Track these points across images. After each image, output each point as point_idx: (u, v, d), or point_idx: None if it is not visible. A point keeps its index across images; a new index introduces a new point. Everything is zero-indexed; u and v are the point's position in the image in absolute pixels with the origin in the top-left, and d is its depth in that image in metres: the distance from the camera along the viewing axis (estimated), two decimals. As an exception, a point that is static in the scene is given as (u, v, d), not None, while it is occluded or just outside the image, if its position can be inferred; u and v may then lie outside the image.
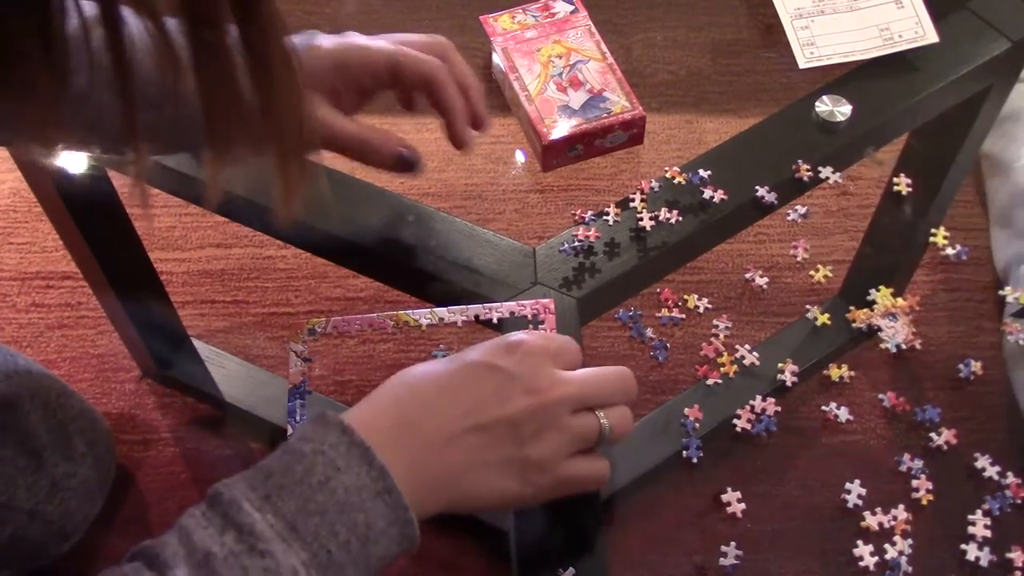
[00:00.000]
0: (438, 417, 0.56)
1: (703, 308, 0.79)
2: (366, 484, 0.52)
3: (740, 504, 0.70)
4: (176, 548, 0.50)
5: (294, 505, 0.50)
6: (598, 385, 0.61)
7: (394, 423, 0.56)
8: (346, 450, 0.52)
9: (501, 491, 0.58)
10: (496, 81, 1.01)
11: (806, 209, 0.85)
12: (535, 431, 0.58)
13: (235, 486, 0.51)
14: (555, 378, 0.59)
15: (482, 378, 0.58)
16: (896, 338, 0.76)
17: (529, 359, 0.59)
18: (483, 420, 0.57)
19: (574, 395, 0.59)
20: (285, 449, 0.53)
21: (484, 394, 0.57)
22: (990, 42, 0.90)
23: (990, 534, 0.68)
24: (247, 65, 0.46)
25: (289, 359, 0.74)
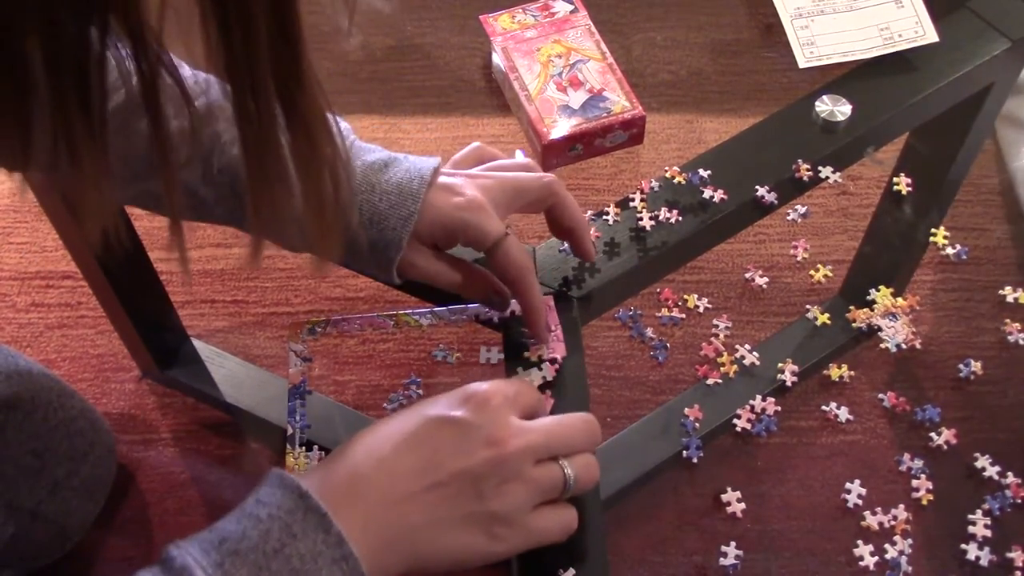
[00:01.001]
0: (394, 475, 0.55)
1: (703, 308, 0.79)
2: (322, 551, 0.51)
3: (740, 504, 0.70)
4: None
5: (247, 573, 0.49)
6: (561, 434, 0.59)
7: (349, 483, 0.54)
8: (302, 516, 0.51)
9: (467, 547, 0.56)
10: (496, 81, 1.01)
11: (806, 209, 0.85)
12: (497, 484, 0.56)
13: (189, 550, 0.50)
14: (516, 427, 0.57)
15: (439, 431, 0.56)
16: (896, 338, 0.76)
17: (487, 408, 0.57)
18: (442, 475, 0.55)
19: (537, 444, 0.57)
20: (241, 512, 0.52)
21: (442, 448, 0.56)
22: (990, 42, 0.90)
23: (990, 534, 0.68)
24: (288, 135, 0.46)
25: (289, 359, 0.74)
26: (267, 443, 0.95)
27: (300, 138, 0.47)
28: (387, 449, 0.56)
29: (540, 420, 0.60)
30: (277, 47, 0.43)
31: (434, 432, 0.56)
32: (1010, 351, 0.78)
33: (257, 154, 0.46)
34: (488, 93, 1.02)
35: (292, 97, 0.45)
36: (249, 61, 0.43)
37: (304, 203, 0.50)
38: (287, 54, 0.43)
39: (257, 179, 0.48)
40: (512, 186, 0.69)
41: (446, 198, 0.66)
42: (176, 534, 0.91)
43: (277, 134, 0.46)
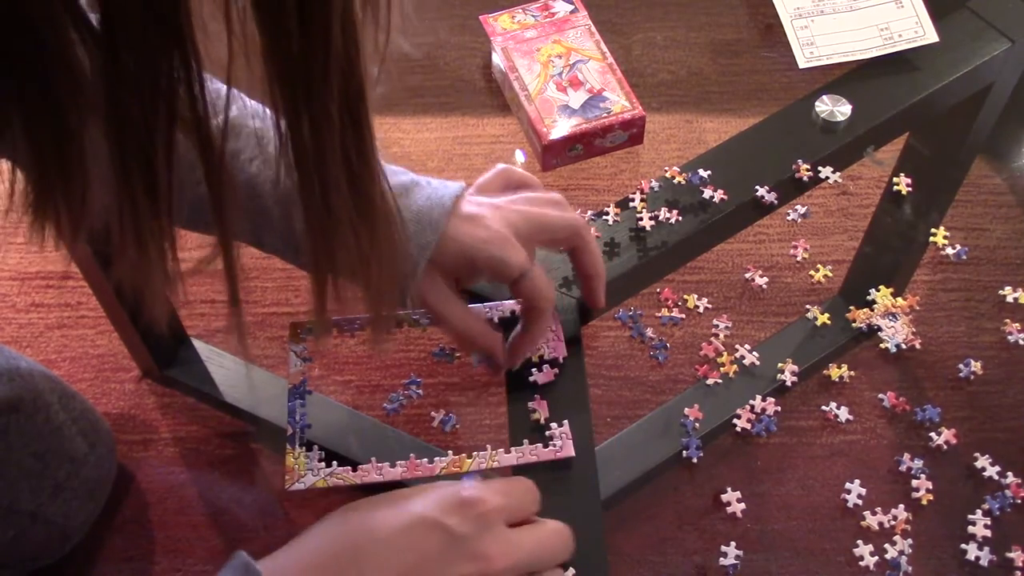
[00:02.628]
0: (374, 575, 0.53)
1: (703, 308, 0.79)
2: None
3: (740, 504, 0.70)
4: None
5: None
6: (544, 553, 0.59)
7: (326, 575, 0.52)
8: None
9: None
10: (496, 81, 1.01)
11: (806, 209, 0.85)
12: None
13: None
14: (504, 544, 0.56)
15: (426, 537, 0.54)
16: (896, 338, 0.76)
17: (480, 521, 0.56)
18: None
19: (521, 564, 0.57)
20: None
21: (427, 555, 0.54)
22: (990, 42, 0.90)
23: (990, 534, 0.68)
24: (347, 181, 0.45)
25: (289, 359, 0.74)
26: (267, 443, 0.95)
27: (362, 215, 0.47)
28: (370, 548, 0.54)
29: (527, 534, 0.58)
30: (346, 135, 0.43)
31: (422, 536, 0.54)
32: (1010, 351, 0.78)
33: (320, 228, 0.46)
34: (488, 93, 1.02)
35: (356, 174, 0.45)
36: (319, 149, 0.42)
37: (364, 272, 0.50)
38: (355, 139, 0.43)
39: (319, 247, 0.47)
40: (538, 222, 0.67)
41: (469, 230, 0.64)
42: (176, 534, 0.91)
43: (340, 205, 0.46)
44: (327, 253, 0.48)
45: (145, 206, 0.42)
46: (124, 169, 0.40)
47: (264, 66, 0.40)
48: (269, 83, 0.40)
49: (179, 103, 0.39)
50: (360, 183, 0.45)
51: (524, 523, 0.59)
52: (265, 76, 0.40)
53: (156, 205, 0.42)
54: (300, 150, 0.43)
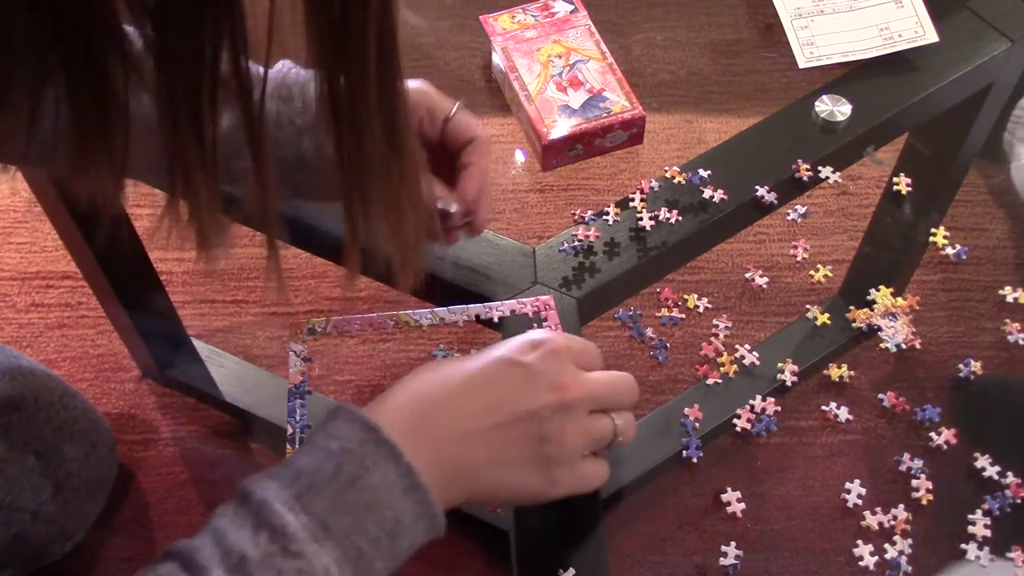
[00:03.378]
0: (460, 412, 0.57)
1: (703, 308, 0.79)
2: (393, 482, 0.52)
3: (740, 504, 0.70)
4: (211, 550, 0.50)
5: (324, 504, 0.51)
6: (614, 388, 0.62)
7: (418, 418, 0.56)
8: (374, 448, 0.53)
9: (522, 485, 0.59)
10: (496, 81, 1.01)
11: (806, 209, 0.85)
12: (557, 428, 0.58)
13: (266, 486, 0.52)
14: (577, 376, 0.60)
15: (505, 373, 0.58)
16: (896, 338, 0.76)
17: (552, 356, 0.59)
18: (505, 416, 0.57)
19: (594, 395, 0.60)
20: (312, 446, 0.54)
21: (507, 389, 0.58)
22: (990, 42, 0.90)
23: (990, 534, 0.68)
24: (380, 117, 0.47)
25: (289, 359, 0.74)
26: (267, 443, 0.95)
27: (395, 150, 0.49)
28: (455, 386, 0.58)
29: (596, 373, 0.62)
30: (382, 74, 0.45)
31: (501, 373, 0.58)
32: (1010, 351, 0.78)
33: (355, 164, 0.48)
34: (488, 93, 1.02)
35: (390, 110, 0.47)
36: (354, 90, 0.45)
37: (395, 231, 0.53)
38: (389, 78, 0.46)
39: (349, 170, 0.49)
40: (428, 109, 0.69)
41: None
42: (176, 534, 0.91)
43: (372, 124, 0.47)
44: (361, 189, 0.50)
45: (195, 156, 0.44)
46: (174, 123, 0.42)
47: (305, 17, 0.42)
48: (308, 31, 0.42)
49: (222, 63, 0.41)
50: (393, 118, 0.47)
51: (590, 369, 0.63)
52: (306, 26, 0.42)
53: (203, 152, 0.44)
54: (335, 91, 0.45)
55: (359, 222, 0.51)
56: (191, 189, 0.46)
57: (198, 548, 0.50)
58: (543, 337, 0.61)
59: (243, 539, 0.50)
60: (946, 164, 0.92)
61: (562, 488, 0.60)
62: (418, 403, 0.57)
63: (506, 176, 1.04)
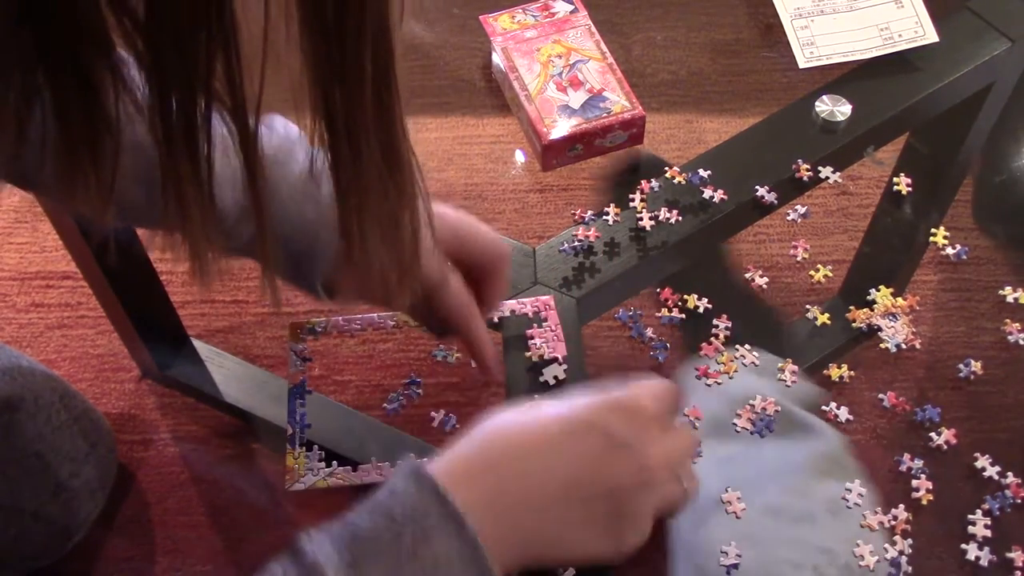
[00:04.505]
0: (539, 481, 0.54)
1: (703, 308, 0.79)
2: (455, 556, 0.50)
3: (740, 504, 0.70)
4: None
5: (380, 574, 0.49)
6: (688, 452, 0.60)
7: (489, 487, 0.53)
8: (438, 520, 0.50)
9: (592, 553, 0.56)
10: (496, 81, 1.01)
11: (806, 209, 0.85)
12: (637, 504, 0.56)
13: (321, 546, 0.49)
14: (665, 450, 0.57)
15: (590, 441, 0.55)
16: (896, 338, 0.76)
17: (643, 427, 0.56)
18: (584, 490, 0.54)
19: (674, 464, 0.58)
20: (374, 507, 0.51)
21: (590, 461, 0.55)
22: (990, 42, 0.90)
23: (990, 534, 0.68)
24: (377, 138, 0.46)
25: (288, 359, 0.74)
26: (267, 443, 0.95)
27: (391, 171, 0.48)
28: (534, 455, 0.54)
29: (678, 436, 0.59)
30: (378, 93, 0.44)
31: (584, 440, 0.55)
32: (1010, 351, 0.78)
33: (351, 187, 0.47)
34: (488, 93, 1.02)
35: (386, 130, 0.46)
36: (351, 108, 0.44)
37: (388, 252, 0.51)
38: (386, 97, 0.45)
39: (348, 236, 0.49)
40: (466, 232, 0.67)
41: (448, 210, 0.65)
42: (176, 534, 0.91)
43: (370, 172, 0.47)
44: (358, 206, 0.48)
45: (188, 175, 0.43)
46: (167, 140, 0.41)
47: (300, 29, 0.41)
48: (303, 43, 0.41)
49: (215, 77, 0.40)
50: (390, 131, 0.46)
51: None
52: (300, 37, 0.41)
53: (198, 173, 0.43)
54: (332, 105, 0.44)
55: (355, 240, 0.50)
56: (185, 212, 0.44)
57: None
58: (633, 403, 0.57)
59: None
60: (946, 164, 0.92)
61: (630, 548, 0.57)
62: (487, 464, 0.54)
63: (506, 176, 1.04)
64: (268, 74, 0.42)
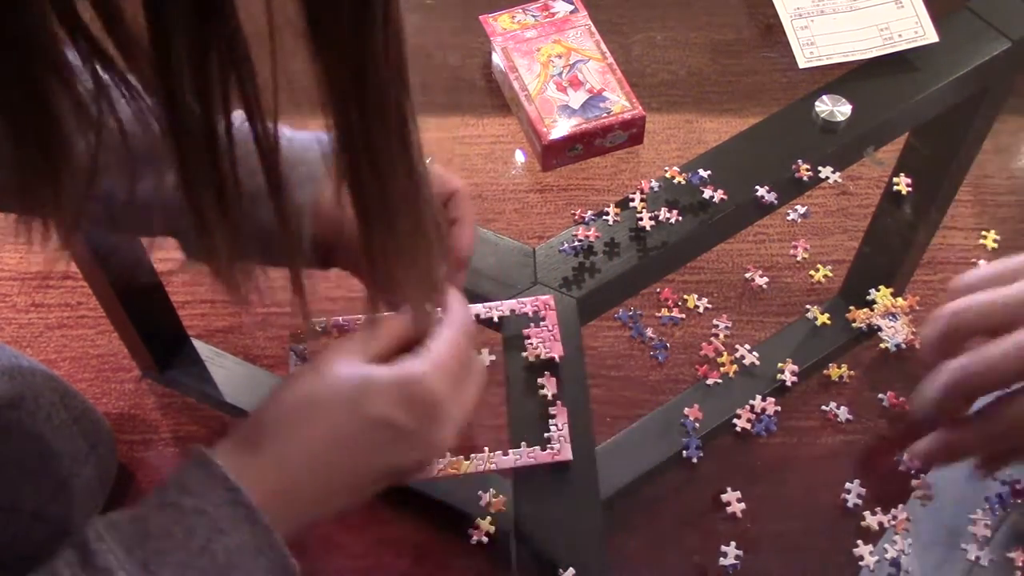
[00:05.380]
0: (325, 477, 0.55)
1: (703, 308, 0.79)
2: (248, 544, 0.50)
3: (740, 504, 0.70)
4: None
5: (171, 573, 0.48)
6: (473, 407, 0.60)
7: (280, 484, 0.54)
8: (230, 511, 0.50)
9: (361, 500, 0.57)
10: (496, 81, 1.01)
11: (806, 209, 0.85)
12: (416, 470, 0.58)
13: (110, 546, 0.48)
14: (447, 432, 0.57)
15: (378, 437, 0.55)
16: (896, 338, 0.76)
17: (430, 413, 0.56)
18: (372, 475, 0.56)
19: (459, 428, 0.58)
20: (163, 501, 0.51)
21: (378, 454, 0.56)
22: (990, 42, 0.90)
23: (990, 534, 0.68)
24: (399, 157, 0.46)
25: (289, 360, 0.74)
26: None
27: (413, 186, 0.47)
28: (323, 453, 0.55)
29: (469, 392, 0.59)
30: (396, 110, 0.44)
31: (374, 437, 0.55)
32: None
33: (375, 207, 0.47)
34: (488, 93, 1.02)
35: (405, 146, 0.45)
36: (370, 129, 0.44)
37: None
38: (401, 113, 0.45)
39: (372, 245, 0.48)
40: None
41: None
42: (176, 534, 0.90)
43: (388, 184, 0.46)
44: (385, 223, 0.48)
45: (210, 199, 0.42)
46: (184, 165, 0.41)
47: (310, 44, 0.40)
48: (316, 63, 0.40)
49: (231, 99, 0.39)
50: (408, 155, 0.46)
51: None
52: (312, 57, 0.40)
53: (223, 204, 0.43)
54: (349, 124, 0.43)
55: (380, 260, 0.49)
56: (207, 235, 0.43)
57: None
58: (423, 390, 0.56)
59: None
60: (946, 164, 0.92)
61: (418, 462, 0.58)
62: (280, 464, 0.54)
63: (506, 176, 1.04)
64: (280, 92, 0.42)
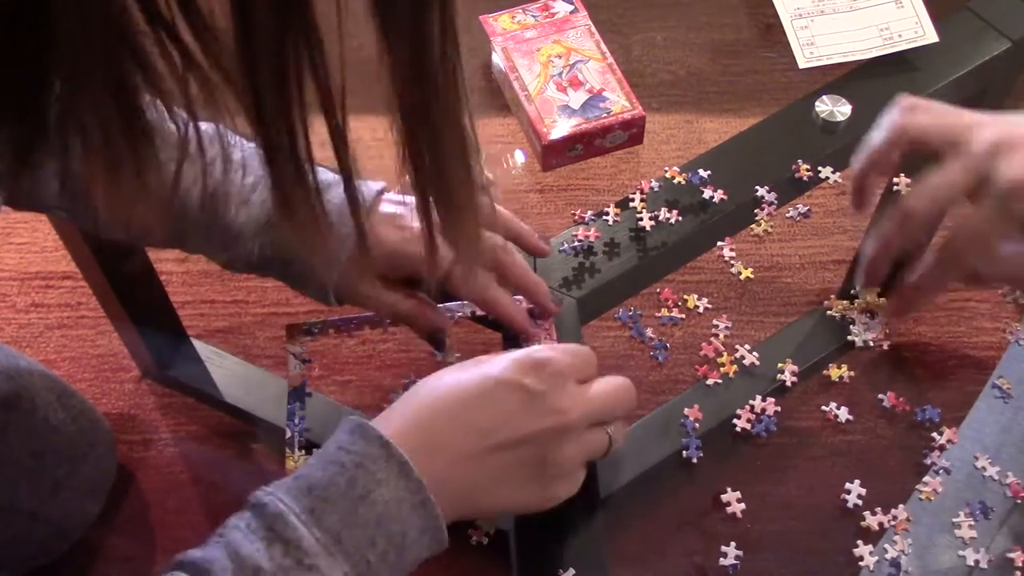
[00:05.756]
0: (463, 434, 0.57)
1: (703, 308, 0.79)
2: (404, 497, 0.53)
3: (740, 504, 0.70)
4: (224, 563, 0.50)
5: (337, 518, 0.52)
6: (613, 402, 0.62)
7: (424, 439, 0.56)
8: (385, 464, 0.54)
9: (521, 502, 0.60)
10: (496, 81, 1.01)
11: (807, 209, 0.85)
12: (556, 449, 0.59)
13: (279, 498, 0.52)
14: (576, 397, 0.60)
15: (507, 396, 0.58)
16: (866, 334, 0.76)
17: (554, 379, 0.59)
18: (507, 439, 0.58)
19: (594, 412, 0.61)
20: (325, 459, 0.54)
21: (509, 413, 0.58)
22: (990, 42, 0.90)
23: (976, 535, 0.68)
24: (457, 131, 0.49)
25: (288, 361, 0.74)
26: (267, 443, 0.95)
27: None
28: (458, 410, 0.58)
29: (596, 387, 0.62)
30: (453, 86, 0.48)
31: (503, 396, 0.58)
32: (1010, 351, 0.78)
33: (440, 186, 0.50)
34: (488, 93, 1.02)
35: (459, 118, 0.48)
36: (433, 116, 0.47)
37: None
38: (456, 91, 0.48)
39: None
40: None
41: (389, 231, 0.66)
42: (176, 534, 0.91)
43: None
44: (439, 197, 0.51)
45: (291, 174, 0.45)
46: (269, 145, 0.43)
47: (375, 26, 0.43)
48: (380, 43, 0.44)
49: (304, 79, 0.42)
50: (460, 129, 0.48)
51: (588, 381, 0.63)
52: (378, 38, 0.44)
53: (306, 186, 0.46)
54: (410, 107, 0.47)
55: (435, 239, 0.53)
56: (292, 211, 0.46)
57: (212, 560, 0.50)
58: (544, 357, 0.60)
59: (257, 552, 0.50)
60: (946, 164, 0.92)
61: (558, 497, 0.61)
62: (420, 421, 0.58)
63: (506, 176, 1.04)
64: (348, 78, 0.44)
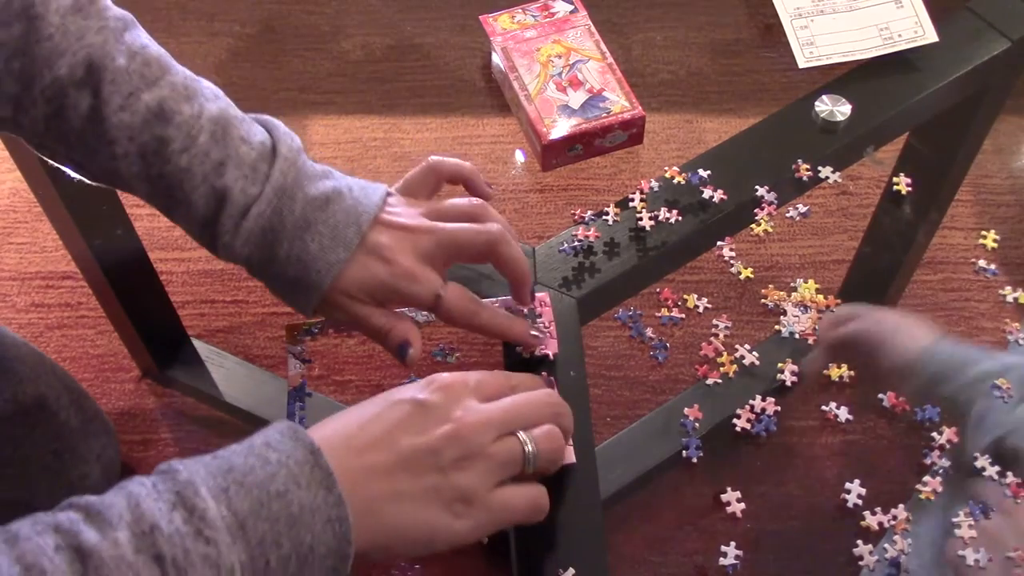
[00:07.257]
0: (359, 452, 0.56)
1: (703, 308, 0.79)
2: (320, 508, 0.52)
3: (740, 504, 0.70)
4: (121, 511, 0.49)
5: (248, 505, 0.50)
6: (520, 409, 0.60)
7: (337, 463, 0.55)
8: (310, 470, 0.53)
9: (429, 524, 0.57)
10: (496, 81, 1.01)
11: (806, 209, 0.85)
12: (456, 460, 0.57)
13: (194, 470, 0.51)
14: (472, 407, 0.59)
15: (399, 410, 0.58)
16: (793, 327, 0.76)
17: (450, 392, 0.59)
18: (400, 450, 0.57)
19: (493, 420, 0.59)
20: (249, 451, 0.53)
21: (401, 425, 0.58)
22: (990, 42, 0.90)
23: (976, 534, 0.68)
24: None
25: (288, 361, 0.74)
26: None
27: None
28: (354, 430, 0.57)
29: (502, 400, 0.61)
30: None
31: (394, 411, 0.58)
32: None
33: None
34: (488, 93, 1.02)
35: None
36: None
37: None
38: None
39: None
40: (450, 242, 0.67)
41: (375, 265, 0.65)
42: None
43: None
44: None
45: None
46: None
47: None
48: None
49: None
50: None
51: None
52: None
53: None
54: None
55: None
56: None
57: (108, 505, 0.49)
58: (445, 377, 0.60)
59: (158, 511, 0.49)
60: (946, 164, 0.92)
61: (473, 524, 0.58)
62: (327, 449, 0.56)
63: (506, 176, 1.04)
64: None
